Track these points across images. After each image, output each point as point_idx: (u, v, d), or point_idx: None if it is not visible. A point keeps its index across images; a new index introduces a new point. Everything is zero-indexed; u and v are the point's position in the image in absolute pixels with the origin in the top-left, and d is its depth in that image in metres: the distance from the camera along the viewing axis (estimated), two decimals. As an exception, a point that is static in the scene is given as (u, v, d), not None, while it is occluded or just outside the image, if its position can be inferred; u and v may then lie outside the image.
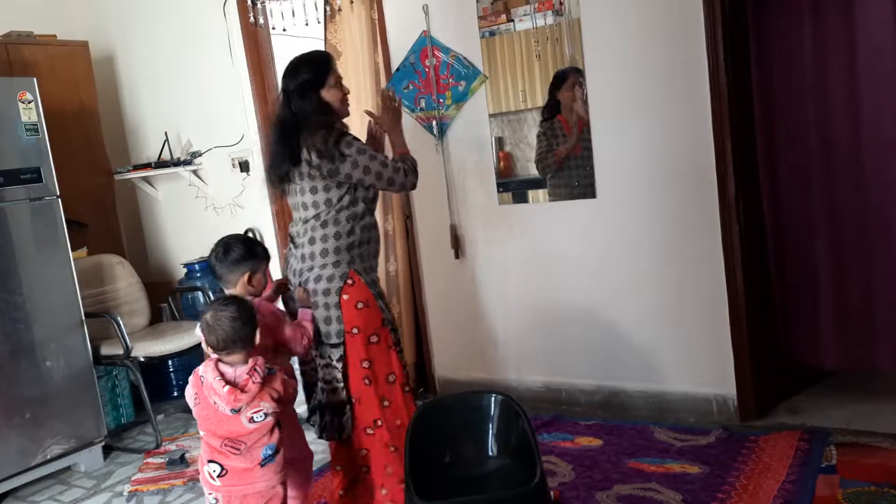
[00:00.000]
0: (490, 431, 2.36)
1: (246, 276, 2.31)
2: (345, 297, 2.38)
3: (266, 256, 2.40)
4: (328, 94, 2.43)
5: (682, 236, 3.08)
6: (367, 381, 2.41)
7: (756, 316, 3.05)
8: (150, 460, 3.42)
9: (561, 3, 3.14)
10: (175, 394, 4.31)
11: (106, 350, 3.58)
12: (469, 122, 3.48)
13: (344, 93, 2.48)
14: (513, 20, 3.27)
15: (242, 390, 2.03)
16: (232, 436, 2.06)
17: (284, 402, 2.15)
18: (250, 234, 2.61)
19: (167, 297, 4.19)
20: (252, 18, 3.99)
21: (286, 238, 4.17)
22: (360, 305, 2.39)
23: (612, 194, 3.19)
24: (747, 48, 3.01)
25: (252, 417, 2.05)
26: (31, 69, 3.85)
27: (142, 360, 3.58)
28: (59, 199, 3.36)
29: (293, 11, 3.96)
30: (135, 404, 3.95)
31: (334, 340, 2.40)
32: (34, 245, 3.26)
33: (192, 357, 4.23)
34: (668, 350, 3.18)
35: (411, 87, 3.58)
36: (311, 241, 2.42)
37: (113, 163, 4.47)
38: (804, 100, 2.96)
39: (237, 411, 2.02)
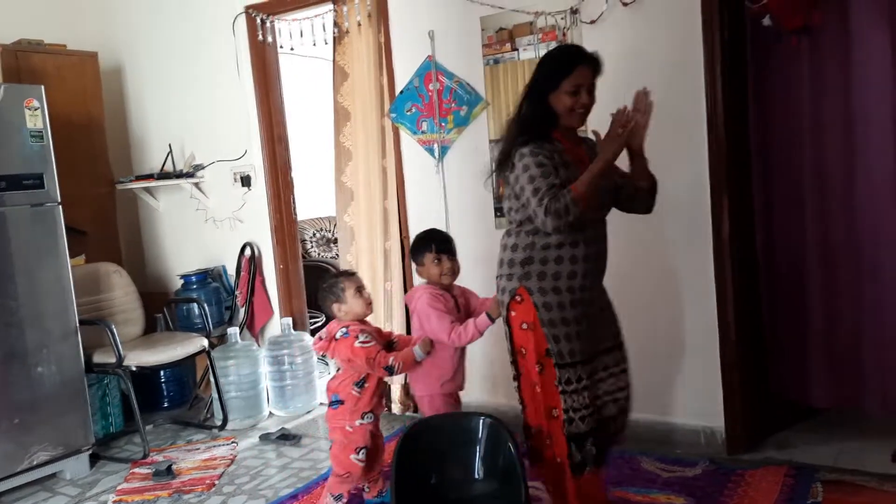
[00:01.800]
0: (477, 454, 2.36)
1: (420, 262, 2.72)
2: (512, 313, 2.27)
3: (430, 250, 2.71)
4: (556, 100, 2.23)
5: (675, 270, 3.10)
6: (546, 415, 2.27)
7: (746, 351, 3.06)
8: (136, 470, 3.41)
9: (564, 35, 3.20)
10: (165, 404, 4.31)
11: (98, 358, 3.58)
12: (469, 146, 3.52)
13: (581, 102, 2.23)
14: (517, 49, 3.32)
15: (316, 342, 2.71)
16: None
17: (353, 365, 2.61)
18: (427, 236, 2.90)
19: (163, 308, 4.19)
20: (260, 36, 4.07)
21: (284, 253, 4.26)
22: (524, 326, 2.25)
23: (608, 223, 3.21)
24: (745, 84, 3.05)
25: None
26: (40, 77, 3.90)
27: (133, 369, 3.57)
28: (60, 206, 3.38)
29: (301, 31, 4.04)
30: (124, 413, 3.94)
31: (510, 358, 2.35)
32: (33, 250, 3.27)
33: (184, 368, 4.25)
34: (657, 381, 3.18)
35: (414, 109, 3.63)
36: (500, 249, 2.36)
37: (116, 172, 4.51)
38: (801, 139, 2.98)
39: (321, 358, 2.91)
